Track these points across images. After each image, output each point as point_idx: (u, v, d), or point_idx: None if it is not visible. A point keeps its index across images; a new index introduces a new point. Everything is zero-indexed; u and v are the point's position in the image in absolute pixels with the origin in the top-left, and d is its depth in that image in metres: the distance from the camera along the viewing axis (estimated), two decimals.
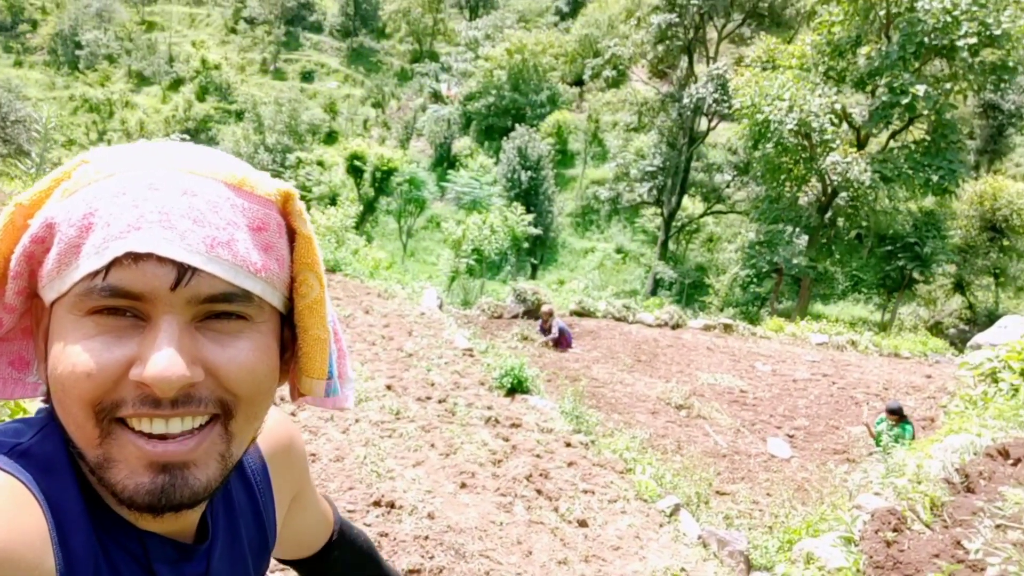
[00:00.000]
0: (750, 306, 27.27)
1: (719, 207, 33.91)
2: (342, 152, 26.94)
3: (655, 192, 32.18)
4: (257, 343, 0.63)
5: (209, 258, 0.58)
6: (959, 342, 18.72)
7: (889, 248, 26.22)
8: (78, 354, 0.58)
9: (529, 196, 29.65)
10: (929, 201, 27.39)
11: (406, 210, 26.63)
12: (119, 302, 0.58)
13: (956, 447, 5.08)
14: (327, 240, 12.32)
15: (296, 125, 40.12)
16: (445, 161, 41.61)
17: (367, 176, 24.96)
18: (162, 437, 0.59)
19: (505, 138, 33.76)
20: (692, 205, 34.03)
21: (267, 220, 0.64)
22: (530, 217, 19.61)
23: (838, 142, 24.70)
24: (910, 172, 25.15)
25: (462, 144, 42.32)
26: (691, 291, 30.11)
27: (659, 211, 33.18)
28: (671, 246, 33.24)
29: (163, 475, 0.59)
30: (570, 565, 4.49)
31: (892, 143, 27.18)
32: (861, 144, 26.85)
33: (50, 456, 0.62)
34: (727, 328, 14.30)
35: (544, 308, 11.56)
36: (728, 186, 33.05)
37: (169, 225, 0.58)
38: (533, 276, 28.74)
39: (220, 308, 0.61)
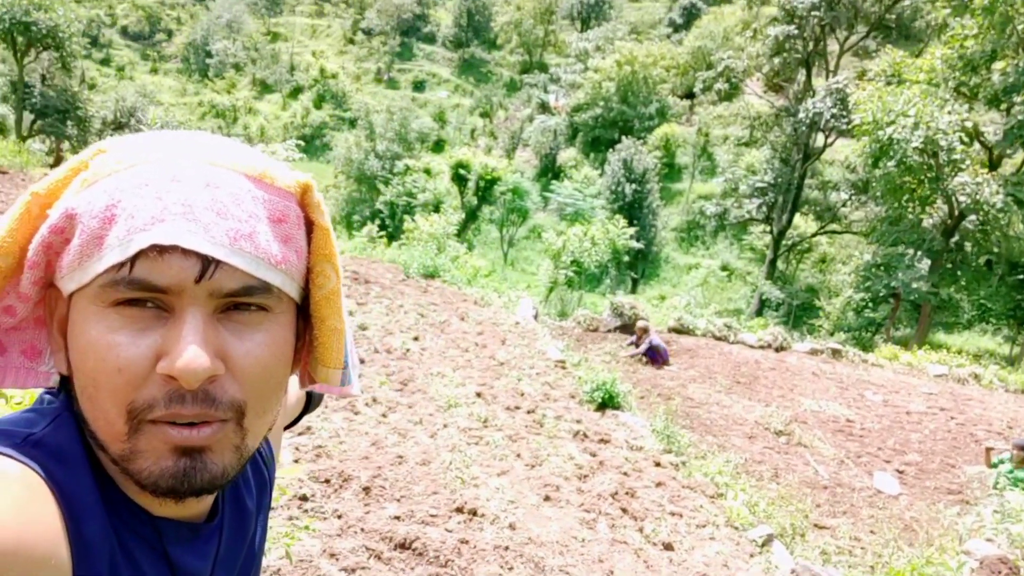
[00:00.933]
0: (863, 331, 25.96)
1: (834, 227, 32.54)
2: (448, 160, 27.51)
3: (764, 209, 31.18)
4: (275, 336, 0.64)
5: (232, 251, 0.59)
6: None
7: (1021, 276, 24.45)
8: (107, 348, 0.58)
9: (633, 209, 29.37)
10: None
11: (508, 219, 26.88)
12: (144, 294, 0.58)
13: None
14: (428, 246, 12.55)
15: (406, 133, 41.27)
16: (549, 172, 41.81)
17: (471, 184, 25.39)
18: (187, 426, 0.60)
19: (611, 150, 33.60)
20: (804, 224, 32.78)
21: (287, 212, 0.65)
22: (632, 230, 19.37)
23: (968, 162, 23.23)
24: None
25: (567, 155, 42.41)
26: (799, 313, 28.98)
27: (768, 228, 32.15)
28: (780, 265, 32.12)
29: (185, 459, 0.61)
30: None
31: None
32: (994, 165, 25.17)
33: (64, 445, 0.63)
34: (835, 353, 13.63)
35: (639, 324, 11.37)
36: (844, 205, 31.66)
37: (193, 218, 0.58)
38: (634, 290, 28.41)
39: (242, 300, 0.61)
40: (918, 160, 23.31)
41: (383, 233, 15.84)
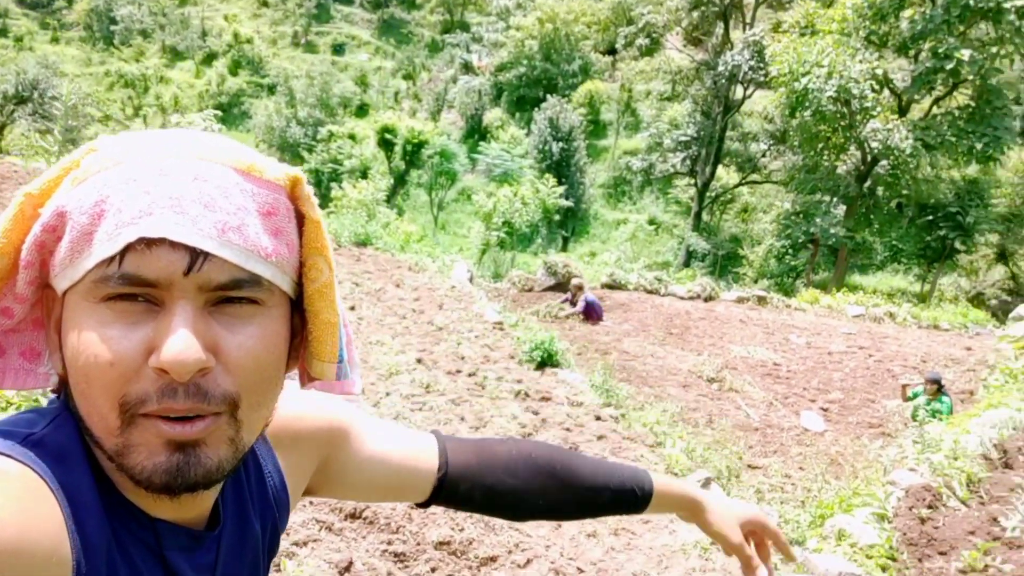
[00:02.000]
0: (785, 277, 26.89)
1: (754, 177, 33.37)
2: (373, 125, 26.98)
3: (689, 162, 31.72)
4: (266, 329, 0.64)
5: (221, 243, 0.59)
6: (1001, 313, 18.28)
7: (930, 217, 25.67)
8: (98, 343, 0.58)
9: (561, 167, 29.45)
10: (973, 169, 26.64)
11: (437, 183, 26.61)
12: (134, 289, 0.58)
13: (995, 422, 4.98)
14: (358, 214, 12.38)
15: (328, 98, 40.19)
16: (476, 133, 41.44)
17: (398, 149, 24.99)
18: (179, 419, 0.60)
19: (536, 109, 33.51)
20: (727, 175, 33.51)
21: (276, 205, 0.65)
22: (561, 189, 19.48)
23: (879, 109, 24.09)
24: (953, 139, 24.46)
25: (493, 116, 42.08)
26: (725, 263, 29.78)
27: (693, 181, 32.75)
28: (705, 217, 32.84)
29: (178, 454, 0.60)
30: (599, 538, 4.50)
31: (935, 109, 26.42)
32: (903, 111, 26.14)
33: (63, 445, 0.63)
34: (761, 300, 14.14)
35: (573, 282, 11.53)
36: (764, 156, 32.47)
37: (180, 210, 0.58)
38: (564, 248, 28.64)
39: (232, 293, 0.61)
40: (832, 109, 24.05)
41: None
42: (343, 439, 0.91)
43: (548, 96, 34.08)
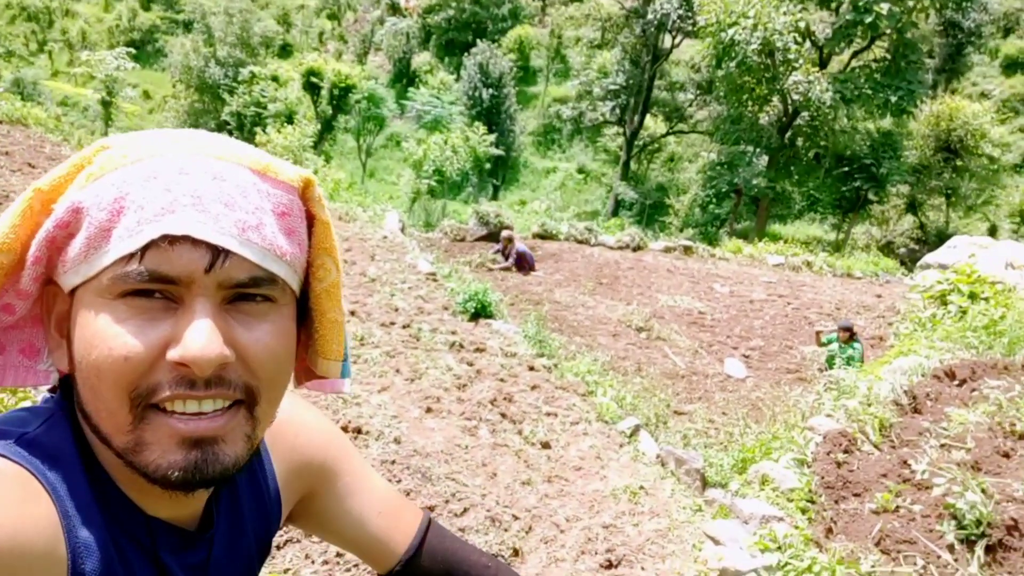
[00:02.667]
0: (709, 227, 27.57)
1: (681, 127, 33.77)
2: (298, 67, 25.98)
3: (618, 111, 31.83)
4: (280, 326, 0.65)
5: (241, 241, 0.60)
6: (909, 261, 19.22)
7: (846, 169, 26.57)
8: (114, 338, 0.59)
9: (491, 115, 29.14)
10: (887, 122, 27.62)
11: (365, 128, 25.96)
12: (154, 285, 0.59)
13: (905, 369, 5.29)
14: (284, 160, 12.01)
15: (248, 37, 38.35)
16: (404, 77, 40.46)
17: (324, 93, 24.17)
18: (195, 415, 0.61)
19: (466, 54, 32.91)
20: (654, 124, 33.79)
21: (290, 206, 0.66)
22: (492, 137, 19.30)
23: (801, 61, 24.60)
24: (870, 92, 25.27)
25: (421, 60, 41.10)
26: (652, 211, 30.26)
27: (621, 130, 32.92)
28: (633, 166, 33.16)
29: (195, 451, 0.61)
30: (533, 486, 4.61)
31: (854, 63, 27.16)
32: (823, 63, 26.78)
33: (57, 445, 0.63)
34: (687, 250, 14.48)
35: (504, 233, 11.55)
36: (691, 105, 32.85)
37: (202, 209, 0.59)
38: (495, 197, 28.54)
39: (249, 291, 0.62)
40: (757, 60, 24.44)
41: None
42: (332, 479, 0.90)
43: (478, 41, 33.47)
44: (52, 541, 0.57)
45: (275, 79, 26.92)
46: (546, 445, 5.09)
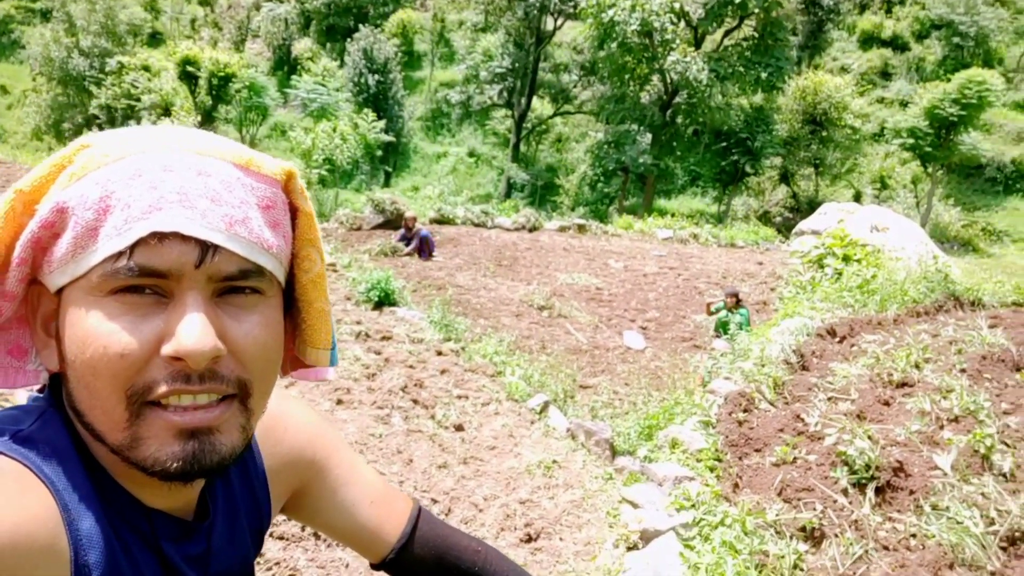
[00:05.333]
0: (599, 204, 28.21)
1: (567, 108, 34.26)
2: (171, 56, 24.61)
3: (505, 94, 31.96)
4: (268, 317, 0.66)
5: (229, 236, 0.61)
6: (785, 229, 20.33)
7: (723, 144, 27.76)
8: (107, 335, 0.59)
9: (378, 101, 28.64)
10: (758, 98, 29.02)
11: (247, 119, 24.96)
12: (144, 281, 0.59)
13: (791, 330, 5.65)
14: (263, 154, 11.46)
15: (114, 26, 35.95)
16: (285, 65, 39.17)
17: (202, 83, 23.02)
18: (190, 407, 0.61)
19: (349, 40, 32.16)
20: (541, 106, 34.16)
21: (274, 198, 0.67)
22: (382, 123, 18.99)
23: (677, 42, 25.44)
24: (742, 70, 26.46)
25: (302, 46, 39.78)
26: (543, 192, 30.67)
27: (510, 113, 33.10)
28: (522, 148, 33.44)
29: (192, 441, 0.61)
30: (450, 468, 4.65)
31: (726, 41, 28.33)
32: (698, 43, 27.79)
33: (52, 441, 0.63)
34: (581, 228, 14.79)
35: (408, 214, 11.45)
36: (575, 86, 33.37)
37: (189, 205, 0.59)
38: (387, 184, 28.17)
39: (237, 284, 0.63)
40: (636, 41, 25.11)
41: None
42: (323, 472, 0.91)
43: (360, 26, 32.74)
44: (54, 534, 0.58)
45: (147, 69, 25.43)
46: (459, 428, 5.13)
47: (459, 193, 19.19)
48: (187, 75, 23.45)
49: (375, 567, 0.94)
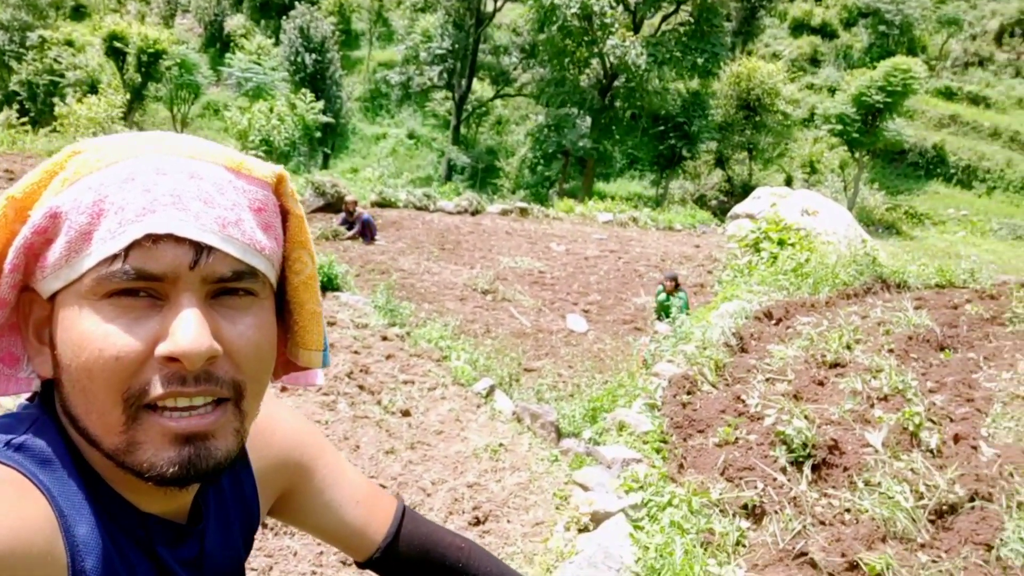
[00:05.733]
0: (540, 187, 28.32)
1: (507, 90, 34.16)
2: (97, 31, 23.52)
3: (445, 75, 31.65)
4: (262, 319, 0.67)
5: (223, 237, 0.61)
6: (720, 212, 20.77)
7: (661, 128, 28.14)
8: (103, 338, 0.59)
9: (316, 81, 27.99)
10: (695, 83, 29.50)
11: (178, 97, 24.12)
12: (139, 284, 0.59)
13: (731, 313, 5.81)
14: (91, 134, 10.98)
15: None
16: (218, 42, 37.91)
17: (131, 59, 22.06)
18: (187, 410, 0.61)
19: (284, 17, 31.32)
20: (481, 88, 33.97)
21: (265, 201, 0.67)
22: (320, 104, 18.59)
23: (616, 25, 25.62)
24: (679, 55, 26.85)
25: (235, 23, 38.53)
26: (484, 175, 30.60)
27: (450, 95, 32.82)
28: (463, 130, 33.24)
29: (188, 446, 0.62)
30: (397, 454, 4.66)
31: (663, 26, 28.67)
32: (637, 28, 28.05)
33: (47, 448, 0.63)
34: (523, 212, 14.84)
35: (348, 198, 11.30)
36: (515, 69, 33.27)
37: (183, 207, 0.60)
38: (325, 165, 27.66)
39: (231, 285, 0.63)
40: (576, 24, 25.19)
41: (25, 119, 13.45)
42: (309, 474, 0.92)
43: (295, 3, 31.92)
44: (50, 540, 0.58)
45: (70, 44, 24.22)
46: (406, 413, 5.13)
47: (399, 175, 19.02)
48: (114, 51, 22.44)
49: (361, 566, 0.95)
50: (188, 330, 0.59)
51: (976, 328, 6.26)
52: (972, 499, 3.26)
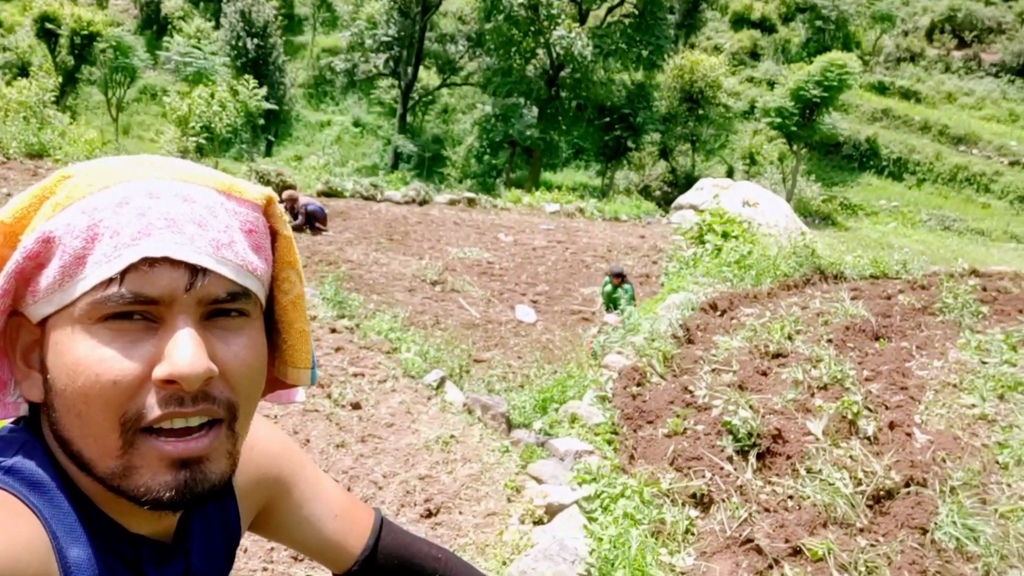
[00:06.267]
0: (487, 177, 28.28)
1: (454, 79, 33.96)
2: (27, 11, 22.47)
3: (391, 63, 31.28)
4: (254, 339, 0.67)
5: (217, 259, 0.62)
6: (665, 202, 21.10)
7: (607, 119, 28.38)
8: (99, 363, 0.59)
9: (258, 66, 27.35)
10: (640, 75, 29.83)
11: (113, 80, 23.27)
12: (135, 307, 0.60)
13: (677, 304, 5.93)
14: (23, 119, 10.54)
15: None
16: (155, 24, 36.71)
17: (64, 41, 21.15)
18: (183, 432, 0.62)
19: (224, 0, 30.51)
20: (428, 77, 33.70)
21: (256, 223, 0.69)
22: (263, 90, 18.17)
23: (563, 16, 25.72)
24: (624, 47, 27.13)
25: (173, 5, 37.34)
26: (431, 164, 30.41)
27: (396, 83, 32.45)
28: (409, 119, 32.94)
29: (184, 471, 0.62)
30: (348, 447, 4.64)
31: (609, 18, 28.90)
32: (582, 19, 28.20)
33: (37, 471, 0.63)
34: (471, 202, 14.82)
35: (287, 193, 11.10)
36: (462, 58, 33.10)
37: (178, 230, 0.61)
38: (268, 153, 27.11)
39: (225, 306, 0.64)
40: (523, 14, 25.20)
41: None
42: (288, 489, 0.92)
43: None
44: (44, 561, 0.58)
45: None
46: (356, 406, 5.11)
47: (344, 163, 18.76)
48: (46, 32, 21.46)
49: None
50: (185, 352, 0.59)
51: (909, 318, 6.52)
52: (907, 484, 3.42)
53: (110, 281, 0.59)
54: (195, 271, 0.61)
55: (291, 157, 25.77)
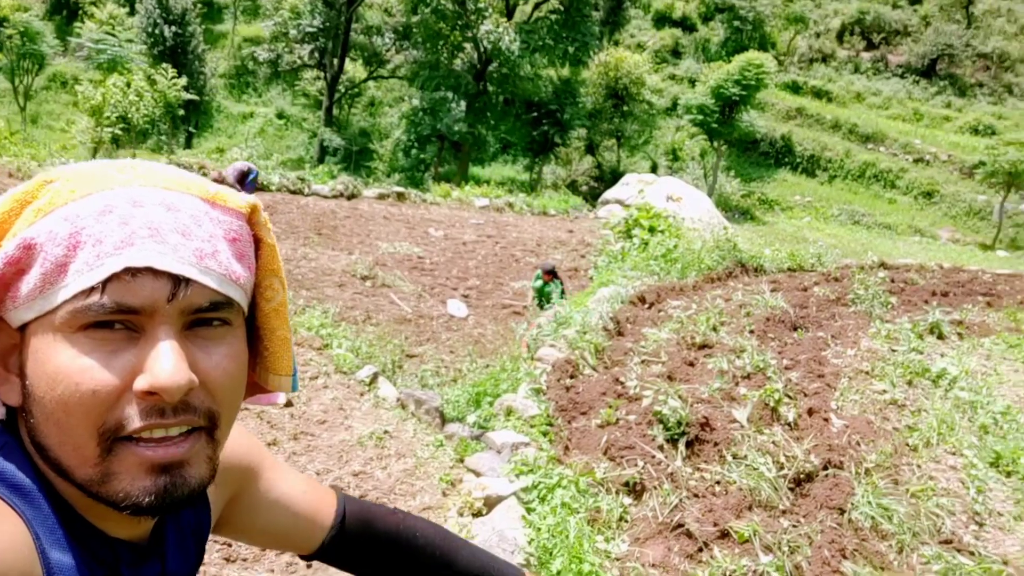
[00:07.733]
0: (415, 171, 28.07)
1: (381, 72, 33.57)
2: None
3: (316, 55, 30.66)
4: (236, 348, 0.67)
5: (201, 269, 0.62)
6: (591, 197, 21.39)
7: (535, 114, 28.59)
8: (79, 372, 0.59)
9: (177, 55, 26.37)
10: (566, 71, 30.14)
11: (20, 67, 22.06)
12: (116, 316, 0.59)
13: (607, 297, 6.06)
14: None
15: None
16: (64, 9, 34.95)
17: None
18: (163, 439, 0.62)
19: None
20: (354, 69, 33.19)
21: (240, 231, 0.68)
22: (183, 80, 17.52)
23: (490, 11, 25.74)
24: (551, 43, 27.35)
25: None
26: (358, 157, 29.98)
27: (321, 74, 31.84)
28: (335, 111, 32.39)
29: (164, 476, 0.62)
30: (280, 445, 4.58)
31: (536, 14, 29.08)
32: (509, 14, 28.28)
33: (16, 474, 0.63)
34: (400, 196, 14.70)
35: (212, 175, 10.80)
36: (389, 50, 32.72)
37: (161, 240, 0.60)
38: (189, 145, 26.20)
39: (207, 316, 0.64)
40: (450, 8, 25.10)
41: None
42: (254, 477, 0.93)
43: None
44: (29, 562, 0.58)
45: None
46: (288, 403, 5.04)
47: (268, 156, 18.32)
48: None
49: (307, 558, 0.98)
50: (167, 364, 0.59)
51: (824, 308, 6.85)
52: (826, 467, 3.61)
53: (92, 290, 0.58)
54: (178, 281, 0.60)
55: (212, 149, 24.99)
